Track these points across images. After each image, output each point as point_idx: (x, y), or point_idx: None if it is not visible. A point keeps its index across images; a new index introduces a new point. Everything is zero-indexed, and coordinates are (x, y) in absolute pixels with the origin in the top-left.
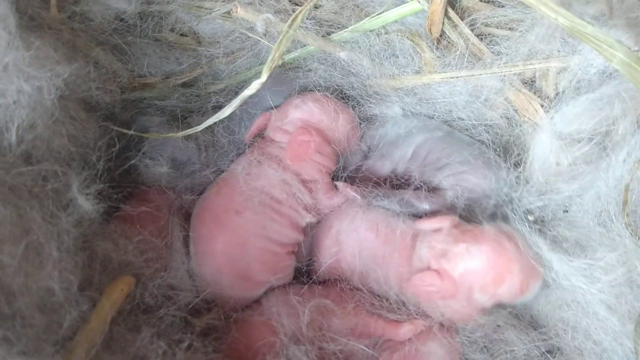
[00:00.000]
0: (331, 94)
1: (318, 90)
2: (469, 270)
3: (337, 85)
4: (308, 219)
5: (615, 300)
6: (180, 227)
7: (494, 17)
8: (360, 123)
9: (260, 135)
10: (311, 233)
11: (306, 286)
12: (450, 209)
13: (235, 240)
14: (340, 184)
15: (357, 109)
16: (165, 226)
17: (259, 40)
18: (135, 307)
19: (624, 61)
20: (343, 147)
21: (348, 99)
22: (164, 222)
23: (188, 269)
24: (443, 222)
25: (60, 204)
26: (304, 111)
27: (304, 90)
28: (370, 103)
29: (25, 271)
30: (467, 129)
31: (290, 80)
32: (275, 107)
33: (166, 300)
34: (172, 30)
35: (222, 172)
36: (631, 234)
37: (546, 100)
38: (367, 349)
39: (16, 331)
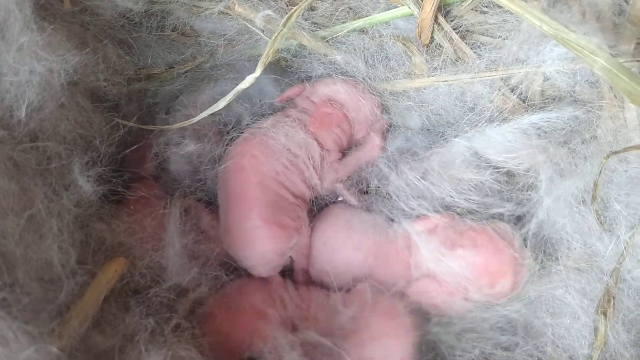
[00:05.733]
0: None
1: None
2: (465, 275)
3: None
4: (316, 180)
5: (580, 283)
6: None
7: (478, 24)
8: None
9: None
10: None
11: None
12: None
13: (253, 180)
14: (339, 185)
15: None
16: (158, 210)
17: (257, 35)
18: (126, 286)
19: (605, 67)
20: (364, 132)
21: None
22: (157, 207)
23: (179, 251)
24: (435, 222)
25: (62, 184)
26: (331, 89)
27: None
28: (388, 112)
29: (26, 242)
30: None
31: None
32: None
33: (155, 281)
34: (174, 30)
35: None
36: (598, 221)
37: (530, 103)
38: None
39: (15, 298)
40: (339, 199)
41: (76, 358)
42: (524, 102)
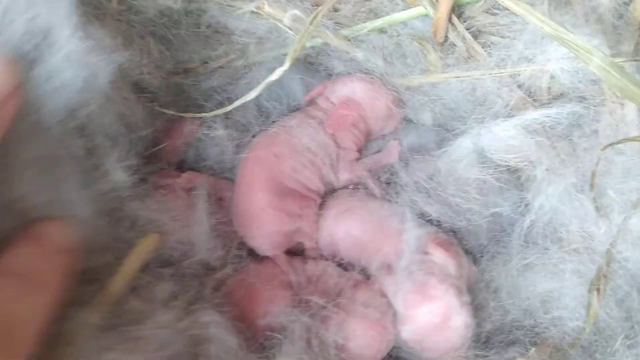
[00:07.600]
0: None
1: None
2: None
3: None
4: (332, 177)
5: (574, 264)
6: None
7: (489, 25)
8: None
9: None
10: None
11: None
12: None
13: (271, 177)
14: (365, 174)
15: None
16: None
17: (286, 32)
18: (159, 258)
19: (600, 65)
20: (379, 127)
21: None
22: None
23: (207, 230)
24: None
25: (104, 169)
26: (349, 89)
27: None
28: (403, 106)
29: None
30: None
31: (315, 72)
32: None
33: (186, 255)
34: (208, 27)
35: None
36: (595, 208)
37: (535, 98)
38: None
39: None
40: (350, 187)
41: (117, 315)
42: (531, 98)
